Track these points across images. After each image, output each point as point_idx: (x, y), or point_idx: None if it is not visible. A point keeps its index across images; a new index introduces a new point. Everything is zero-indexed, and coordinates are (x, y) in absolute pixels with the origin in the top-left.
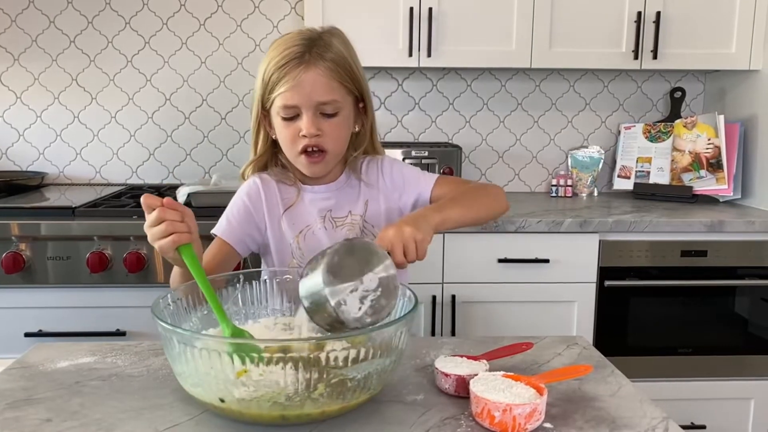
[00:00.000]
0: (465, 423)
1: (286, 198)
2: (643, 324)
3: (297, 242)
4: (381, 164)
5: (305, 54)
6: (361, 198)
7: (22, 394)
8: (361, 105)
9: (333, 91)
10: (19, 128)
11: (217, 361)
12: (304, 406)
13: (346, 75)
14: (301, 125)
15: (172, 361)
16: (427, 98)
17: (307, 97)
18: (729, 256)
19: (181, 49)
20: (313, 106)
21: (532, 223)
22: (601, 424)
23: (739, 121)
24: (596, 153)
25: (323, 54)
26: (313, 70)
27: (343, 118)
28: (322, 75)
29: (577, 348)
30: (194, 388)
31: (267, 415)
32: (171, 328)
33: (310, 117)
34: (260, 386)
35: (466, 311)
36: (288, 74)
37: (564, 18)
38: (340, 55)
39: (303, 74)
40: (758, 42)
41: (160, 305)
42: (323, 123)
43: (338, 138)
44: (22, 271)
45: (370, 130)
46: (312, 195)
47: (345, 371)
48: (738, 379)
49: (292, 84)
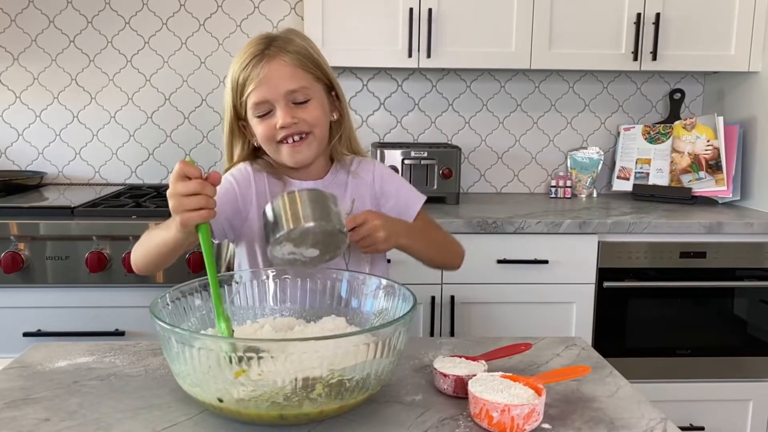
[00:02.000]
0: (463, 423)
1: (274, 191)
2: (641, 325)
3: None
4: (375, 166)
5: (265, 50)
6: (348, 195)
7: (20, 394)
8: (333, 93)
9: (299, 79)
10: (19, 128)
11: (216, 361)
12: (302, 406)
13: (309, 62)
14: (276, 118)
15: (170, 361)
16: (426, 99)
17: (275, 89)
18: (728, 257)
19: (181, 49)
20: (283, 97)
21: (531, 224)
22: (599, 424)
23: (738, 122)
24: (595, 154)
25: (284, 47)
26: (276, 61)
27: (317, 103)
28: (286, 64)
29: (575, 349)
30: (192, 387)
31: (266, 415)
32: (170, 328)
33: (283, 108)
34: (258, 386)
35: (465, 312)
36: (252, 71)
37: (563, 19)
38: (300, 45)
39: (266, 67)
40: (757, 44)
41: (159, 305)
42: (297, 111)
43: (316, 119)
44: (21, 271)
45: (347, 122)
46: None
47: (343, 371)
48: (737, 381)
49: (259, 79)
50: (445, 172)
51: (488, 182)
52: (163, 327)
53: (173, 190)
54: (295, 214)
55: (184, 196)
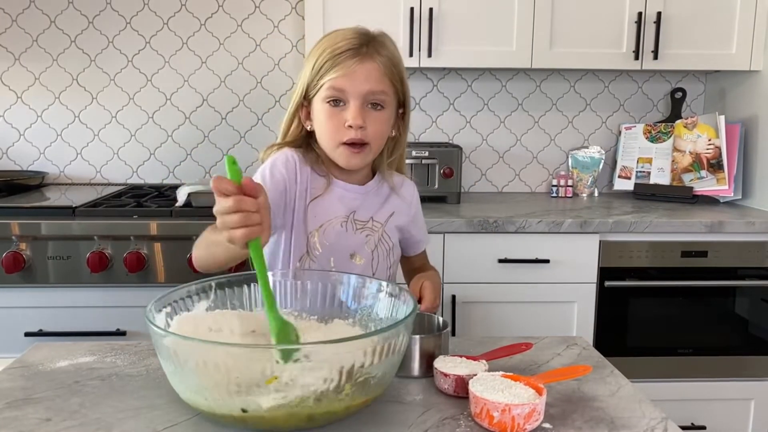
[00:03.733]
0: (464, 423)
1: (314, 187)
2: (643, 324)
3: (317, 236)
4: (415, 191)
5: (362, 47)
6: (387, 207)
7: (22, 394)
8: (401, 111)
9: (384, 84)
10: (20, 128)
11: (246, 370)
12: (331, 405)
13: (397, 75)
14: (347, 115)
15: (180, 381)
16: (427, 98)
17: (359, 85)
18: (729, 256)
19: (182, 49)
20: (362, 96)
21: (532, 223)
22: (600, 424)
23: (739, 121)
24: (597, 153)
25: (379, 50)
26: (369, 63)
27: (387, 116)
28: (377, 69)
29: (576, 348)
30: (209, 402)
31: (294, 418)
32: (188, 341)
33: (358, 107)
34: (290, 391)
35: (466, 311)
36: (343, 62)
37: (564, 18)
38: (393, 55)
39: (358, 65)
40: (759, 43)
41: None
42: (368, 115)
43: (380, 133)
44: (23, 271)
45: (403, 142)
46: (342, 191)
47: (370, 369)
48: (738, 380)
49: (346, 72)
50: (446, 172)
51: (489, 181)
52: (188, 343)
53: (215, 209)
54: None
55: (222, 215)
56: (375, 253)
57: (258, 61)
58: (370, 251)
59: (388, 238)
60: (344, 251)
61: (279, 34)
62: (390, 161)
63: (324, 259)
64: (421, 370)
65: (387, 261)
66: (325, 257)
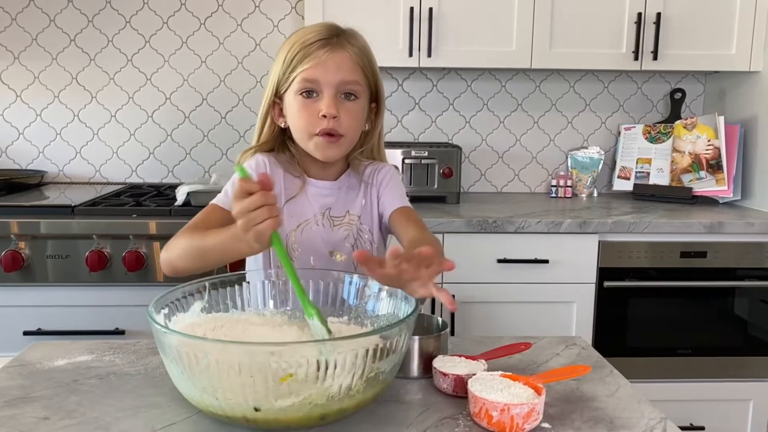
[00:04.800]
0: (463, 423)
1: (289, 188)
2: (642, 325)
3: (294, 236)
4: (389, 172)
5: (333, 38)
6: (359, 199)
7: (20, 392)
8: (373, 105)
9: (356, 74)
10: (19, 127)
11: (260, 369)
12: (343, 402)
13: (368, 65)
14: (321, 105)
15: (189, 381)
16: (427, 98)
17: (332, 74)
18: (728, 257)
19: (182, 48)
20: (334, 86)
21: (531, 223)
22: (599, 424)
23: (739, 122)
24: (596, 154)
25: (350, 40)
26: (340, 52)
27: (361, 107)
28: (348, 58)
29: (575, 348)
30: (220, 402)
31: (307, 418)
32: (202, 342)
33: (332, 97)
34: (304, 389)
35: (466, 311)
36: (314, 53)
37: (564, 18)
38: (364, 45)
39: (329, 54)
40: (758, 43)
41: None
42: (341, 105)
43: (354, 123)
44: (22, 270)
45: (379, 133)
46: (315, 189)
47: (380, 365)
48: (737, 381)
49: (318, 62)
50: (445, 172)
51: (489, 182)
52: (206, 344)
53: (239, 209)
54: None
55: (251, 212)
56: (355, 248)
57: (257, 61)
58: (350, 246)
59: (366, 229)
60: (323, 249)
61: (279, 34)
62: (362, 155)
63: (304, 259)
64: (420, 371)
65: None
66: (305, 257)
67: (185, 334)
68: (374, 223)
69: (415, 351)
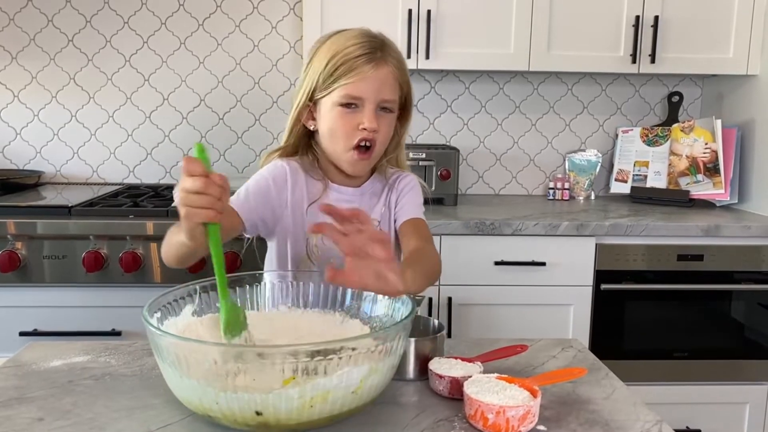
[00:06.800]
0: (458, 425)
1: (312, 192)
2: (639, 327)
3: (314, 240)
4: (411, 182)
5: (377, 51)
6: (380, 205)
7: (15, 393)
8: (400, 112)
9: (396, 91)
10: (17, 127)
11: (263, 372)
12: (342, 404)
13: (405, 78)
14: (361, 119)
15: (187, 385)
16: (425, 100)
17: (376, 92)
18: (725, 260)
19: (180, 49)
20: (377, 102)
21: (528, 225)
22: (595, 426)
23: (736, 125)
24: (594, 156)
25: (391, 54)
26: (384, 68)
27: (394, 118)
28: (390, 74)
29: (571, 351)
30: (221, 406)
31: (316, 422)
32: (205, 346)
33: (372, 111)
34: (306, 391)
35: (463, 313)
36: (359, 68)
37: (562, 21)
38: (402, 58)
39: (374, 71)
40: (756, 47)
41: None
42: (380, 119)
43: (386, 136)
44: (18, 270)
45: (401, 144)
46: (337, 195)
47: (377, 366)
48: (733, 384)
49: (361, 78)
50: (443, 174)
51: (486, 184)
52: (215, 348)
53: (180, 185)
54: None
55: (187, 193)
56: None
57: (256, 62)
58: None
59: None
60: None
61: (277, 35)
62: (387, 162)
63: (323, 261)
64: (416, 373)
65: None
66: (324, 259)
67: (183, 337)
68: (392, 230)
69: (412, 353)
